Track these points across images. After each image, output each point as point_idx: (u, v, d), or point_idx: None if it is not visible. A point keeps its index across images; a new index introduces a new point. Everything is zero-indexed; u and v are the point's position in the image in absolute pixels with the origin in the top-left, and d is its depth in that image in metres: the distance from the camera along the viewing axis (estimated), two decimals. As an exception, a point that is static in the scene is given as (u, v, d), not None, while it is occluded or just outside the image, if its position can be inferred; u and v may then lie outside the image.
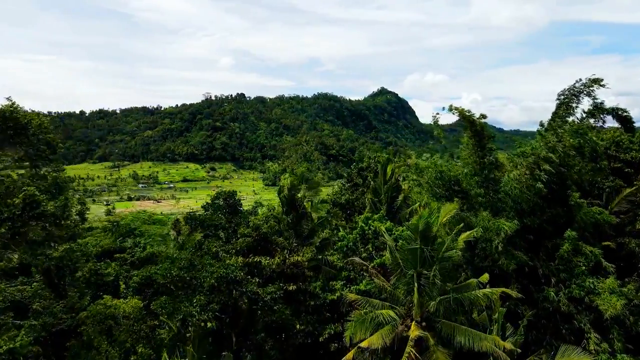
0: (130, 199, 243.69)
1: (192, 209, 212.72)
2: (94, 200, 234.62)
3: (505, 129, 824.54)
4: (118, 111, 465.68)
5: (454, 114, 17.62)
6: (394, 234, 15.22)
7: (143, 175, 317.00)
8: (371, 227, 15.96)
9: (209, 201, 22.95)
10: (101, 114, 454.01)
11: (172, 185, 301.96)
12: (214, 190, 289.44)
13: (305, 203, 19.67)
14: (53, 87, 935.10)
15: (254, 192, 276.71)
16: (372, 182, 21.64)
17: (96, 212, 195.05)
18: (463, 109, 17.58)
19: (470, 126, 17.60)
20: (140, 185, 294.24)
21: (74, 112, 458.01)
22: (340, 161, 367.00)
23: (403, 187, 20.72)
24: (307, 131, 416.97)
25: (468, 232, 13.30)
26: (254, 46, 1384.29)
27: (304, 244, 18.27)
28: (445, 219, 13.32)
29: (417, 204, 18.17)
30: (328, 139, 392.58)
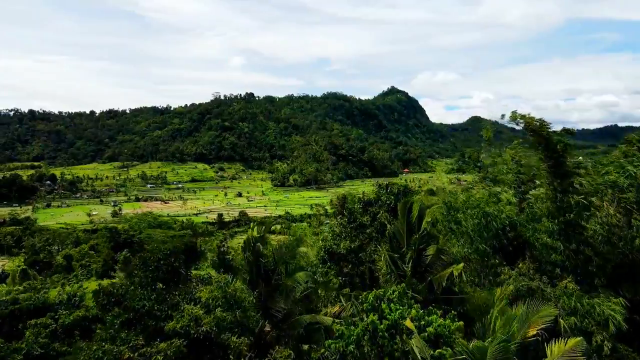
0: (138, 199, 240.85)
1: (199, 210, 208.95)
2: (101, 201, 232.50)
3: (516, 127, 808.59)
4: (128, 111, 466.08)
5: (517, 124, 11.71)
6: (427, 331, 8.94)
7: (151, 176, 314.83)
8: (387, 316, 9.50)
9: (138, 263, 16.06)
10: (111, 113, 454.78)
11: (180, 185, 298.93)
12: (222, 191, 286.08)
13: (280, 267, 13.24)
14: (65, 87, 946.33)
15: (262, 192, 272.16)
16: (387, 226, 14.83)
17: (103, 213, 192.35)
18: (532, 119, 11.57)
19: (545, 145, 11.58)
20: (148, 186, 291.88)
21: (84, 112, 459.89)
22: (349, 161, 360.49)
23: (430, 228, 14.17)
24: (316, 131, 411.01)
25: (572, 342, 7.31)
26: (263, 46, 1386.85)
27: (277, 329, 12.07)
28: (535, 331, 7.47)
29: (460, 265, 11.92)
30: (337, 139, 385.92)
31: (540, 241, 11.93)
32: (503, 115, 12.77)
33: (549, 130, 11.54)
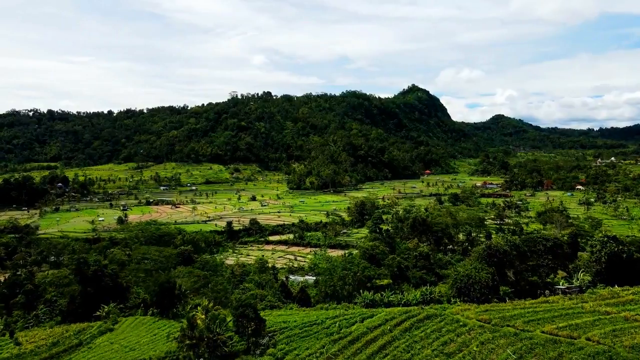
0: (149, 203, 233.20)
1: (209, 216, 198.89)
2: (111, 205, 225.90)
3: (542, 126, 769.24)
4: (145, 111, 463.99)
5: None
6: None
7: (165, 177, 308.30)
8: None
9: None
10: (128, 113, 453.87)
11: (194, 187, 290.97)
12: (235, 194, 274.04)
13: None
14: (91, 87, 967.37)
15: (277, 196, 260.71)
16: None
17: (110, 219, 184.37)
18: None
19: None
20: (161, 188, 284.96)
21: (102, 112, 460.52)
22: (369, 162, 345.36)
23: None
24: (334, 130, 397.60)
25: None
26: (284, 44, 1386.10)
27: None
28: None
29: None
30: (356, 139, 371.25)
31: None
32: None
33: None
